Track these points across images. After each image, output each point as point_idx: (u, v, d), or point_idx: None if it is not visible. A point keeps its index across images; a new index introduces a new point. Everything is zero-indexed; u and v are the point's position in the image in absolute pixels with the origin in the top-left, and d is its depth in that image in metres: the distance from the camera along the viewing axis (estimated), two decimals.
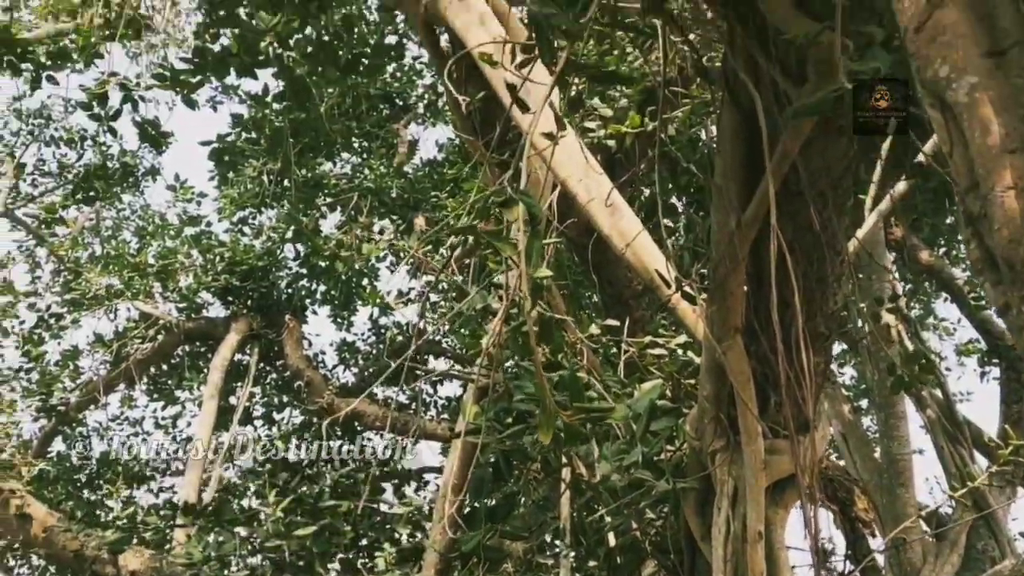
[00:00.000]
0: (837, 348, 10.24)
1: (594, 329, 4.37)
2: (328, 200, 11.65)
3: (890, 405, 7.25)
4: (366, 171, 11.64)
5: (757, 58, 2.64)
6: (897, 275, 8.15)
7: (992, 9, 1.48)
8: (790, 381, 2.74)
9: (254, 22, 6.88)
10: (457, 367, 10.39)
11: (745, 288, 3.06)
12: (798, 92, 2.50)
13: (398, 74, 11.92)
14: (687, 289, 3.34)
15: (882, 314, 6.23)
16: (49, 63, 6.87)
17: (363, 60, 8.61)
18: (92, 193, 11.33)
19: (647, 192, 7.23)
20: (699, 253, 4.87)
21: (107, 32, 7.35)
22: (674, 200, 7.08)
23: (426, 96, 12.60)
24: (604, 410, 2.62)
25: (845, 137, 2.70)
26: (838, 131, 2.67)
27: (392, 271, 12.33)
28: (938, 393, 7.37)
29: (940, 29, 1.48)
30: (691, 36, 3.81)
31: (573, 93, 5.65)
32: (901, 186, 5.86)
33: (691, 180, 6.37)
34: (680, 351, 4.47)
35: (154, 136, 7.58)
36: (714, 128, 4.84)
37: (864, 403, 12.37)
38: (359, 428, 10.84)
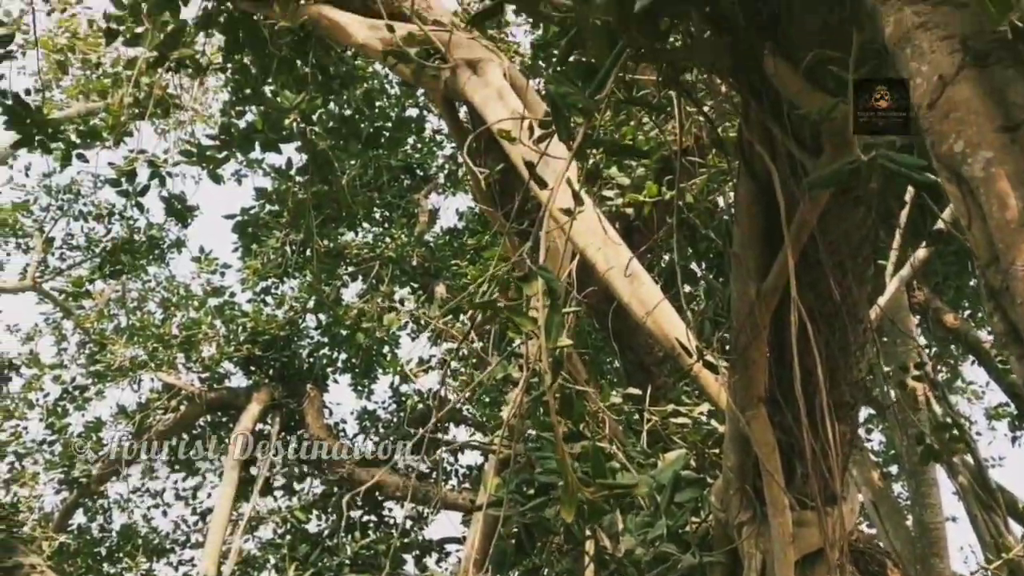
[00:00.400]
0: (864, 413, 10.08)
1: (616, 398, 4.34)
2: (350, 269, 11.78)
3: (921, 472, 7.09)
4: (387, 240, 11.78)
5: (772, 129, 2.68)
6: (922, 339, 8.07)
7: (1003, 85, 1.50)
8: (816, 452, 2.70)
9: (279, 100, 7.06)
10: (478, 436, 10.32)
11: (767, 357, 3.03)
12: (814, 163, 2.52)
13: (419, 145, 12.16)
14: (708, 358, 3.32)
15: (908, 380, 6.14)
16: (80, 141, 7.06)
17: (385, 133, 8.81)
18: (119, 267, 11.52)
19: (666, 258, 7.26)
20: (720, 321, 4.85)
21: (136, 111, 7.57)
22: (693, 266, 7.09)
23: (446, 166, 12.82)
24: (627, 486, 2.59)
25: (863, 207, 2.71)
26: (855, 201, 2.68)
27: (413, 339, 12.37)
28: (969, 459, 7.21)
29: (953, 105, 1.50)
30: (706, 107, 3.88)
31: (591, 162, 5.73)
32: (922, 252, 5.85)
33: (710, 246, 6.38)
34: (704, 419, 4.42)
35: (180, 210, 7.74)
36: (732, 195, 4.87)
37: (894, 469, 12.11)
38: (380, 498, 10.74)
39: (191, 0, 6.74)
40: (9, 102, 6.24)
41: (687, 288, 6.55)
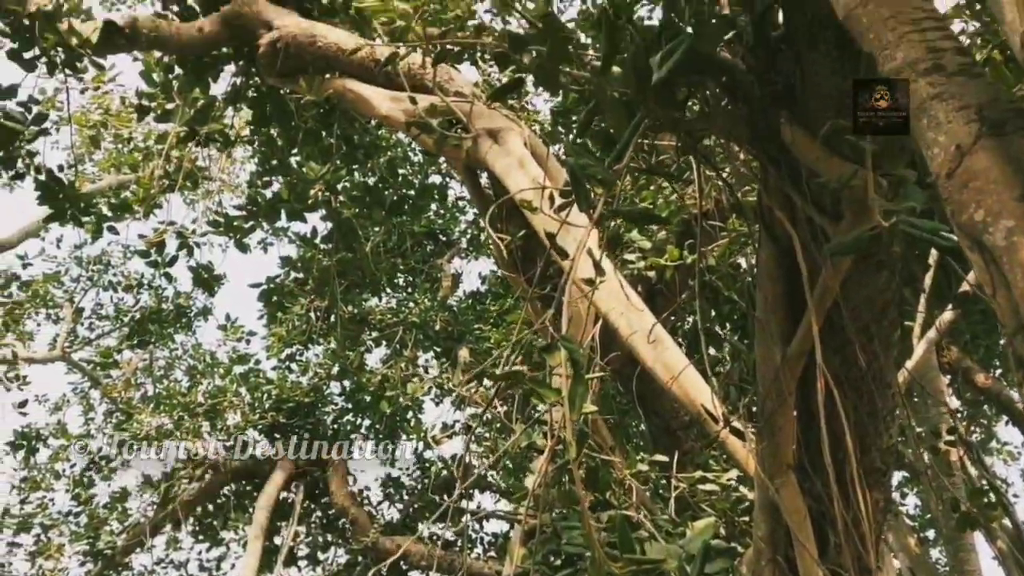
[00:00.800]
0: (898, 476, 9.85)
1: (642, 465, 4.28)
2: (373, 335, 11.82)
3: (958, 537, 6.90)
4: (411, 305, 11.84)
5: (791, 195, 2.69)
6: (954, 399, 7.92)
7: (1020, 154, 1.50)
8: (848, 521, 2.64)
9: (305, 170, 7.21)
10: (503, 504, 10.19)
11: (795, 423, 2.99)
12: (834, 228, 2.53)
13: (441, 211, 12.30)
14: (735, 424, 3.28)
15: (941, 444, 6.01)
16: (111, 214, 7.24)
17: (408, 201, 8.94)
18: (147, 336, 11.65)
19: (690, 321, 7.23)
20: (746, 386, 4.80)
21: (166, 183, 7.76)
22: (717, 328, 7.05)
23: (468, 231, 12.94)
24: (656, 561, 2.53)
25: (886, 271, 2.70)
26: (878, 266, 2.67)
27: (437, 403, 12.32)
28: (1008, 523, 7.01)
29: (971, 175, 1.50)
30: (725, 172, 3.91)
31: (612, 227, 5.76)
32: (948, 314, 5.79)
33: (733, 309, 6.36)
34: (733, 486, 4.34)
35: (207, 280, 7.86)
36: (754, 258, 4.87)
37: (931, 534, 11.77)
38: (404, 567, 10.58)
39: (220, 76, 6.97)
40: (43, 178, 6.42)
41: (711, 351, 6.50)
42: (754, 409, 3.71)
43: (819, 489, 2.97)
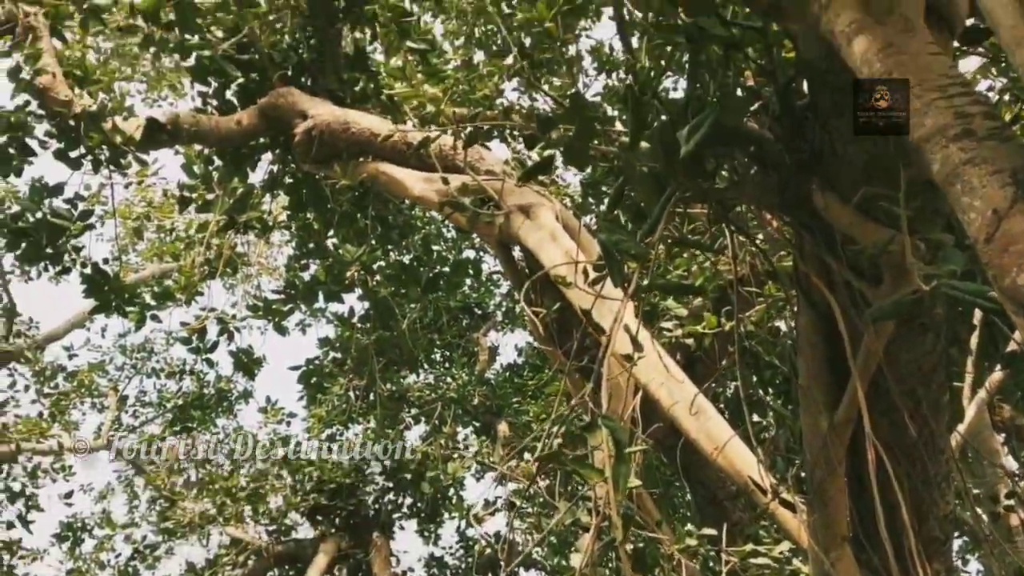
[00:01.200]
0: (958, 542, 9.47)
1: (691, 540, 4.17)
2: (413, 412, 11.80)
3: None
4: (449, 380, 11.83)
5: (827, 261, 2.67)
6: (1010, 458, 7.65)
7: None
8: None
9: (341, 252, 7.34)
10: None
11: (846, 493, 2.91)
12: (874, 292, 2.50)
13: (476, 285, 12.38)
14: (785, 495, 3.19)
15: (1000, 509, 5.79)
16: (154, 303, 7.39)
17: (443, 277, 9.03)
18: (189, 423, 11.75)
19: (731, 386, 7.11)
20: (793, 455, 4.69)
21: (207, 270, 7.92)
22: (760, 392, 6.93)
23: (503, 304, 12.98)
24: None
25: (930, 333, 2.65)
26: (921, 328, 2.62)
27: (478, 479, 12.19)
28: None
29: (1011, 238, 1.49)
30: (758, 238, 3.90)
31: (647, 297, 5.74)
32: (998, 374, 5.65)
33: (775, 374, 6.25)
34: (786, 559, 4.20)
35: (248, 364, 7.94)
36: (792, 322, 4.81)
37: None
38: None
39: (258, 165, 7.19)
40: (88, 271, 6.60)
41: (755, 417, 6.38)
42: (803, 476, 3.61)
43: (876, 562, 2.87)
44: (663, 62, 3.96)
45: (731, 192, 2.85)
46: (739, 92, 2.85)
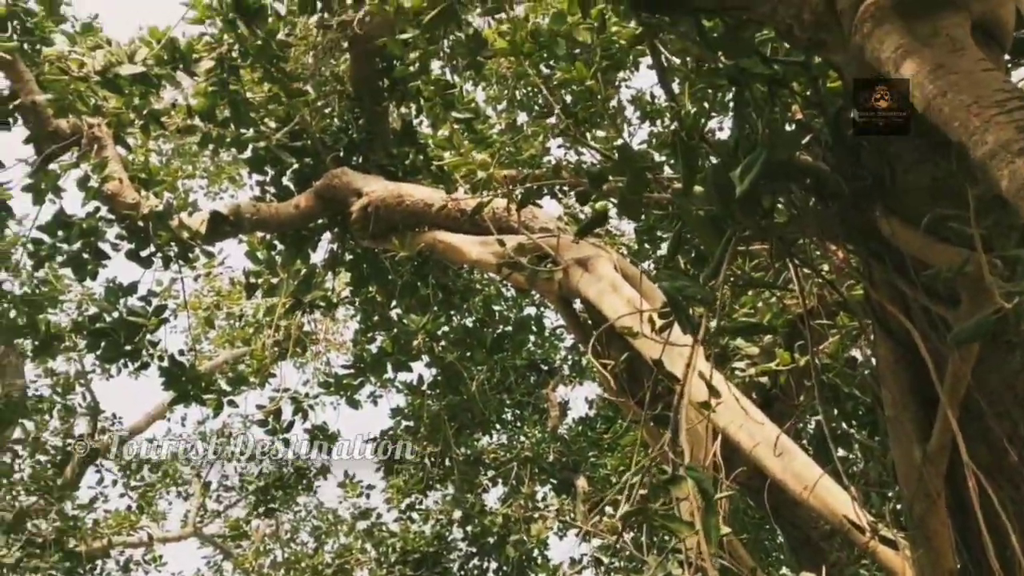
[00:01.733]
0: None
1: None
2: (489, 474, 11.74)
3: None
4: (522, 439, 11.76)
5: (900, 287, 2.61)
6: None
7: None
8: None
9: (405, 322, 7.44)
10: None
11: (949, 526, 2.78)
12: (953, 314, 2.42)
13: (540, 341, 12.36)
14: (884, 532, 3.07)
15: None
16: (229, 388, 7.55)
17: (507, 337, 9.06)
18: (271, 503, 11.87)
19: (812, 421, 6.91)
20: (886, 490, 4.52)
21: (277, 352, 8.10)
22: (843, 425, 6.71)
23: (569, 357, 12.92)
24: None
25: (1019, 351, 2.55)
26: (1008, 347, 2.53)
27: (561, 537, 11.99)
28: None
29: None
30: (824, 269, 3.83)
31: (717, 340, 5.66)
32: None
33: (856, 404, 6.06)
34: None
35: (323, 440, 8.04)
36: (868, 350, 4.68)
37: None
38: None
39: (318, 245, 7.37)
40: (166, 364, 6.80)
41: (840, 451, 6.17)
42: (900, 510, 3.48)
43: None
44: (707, 104, 3.97)
45: (791, 227, 2.82)
46: (788, 127, 2.83)
